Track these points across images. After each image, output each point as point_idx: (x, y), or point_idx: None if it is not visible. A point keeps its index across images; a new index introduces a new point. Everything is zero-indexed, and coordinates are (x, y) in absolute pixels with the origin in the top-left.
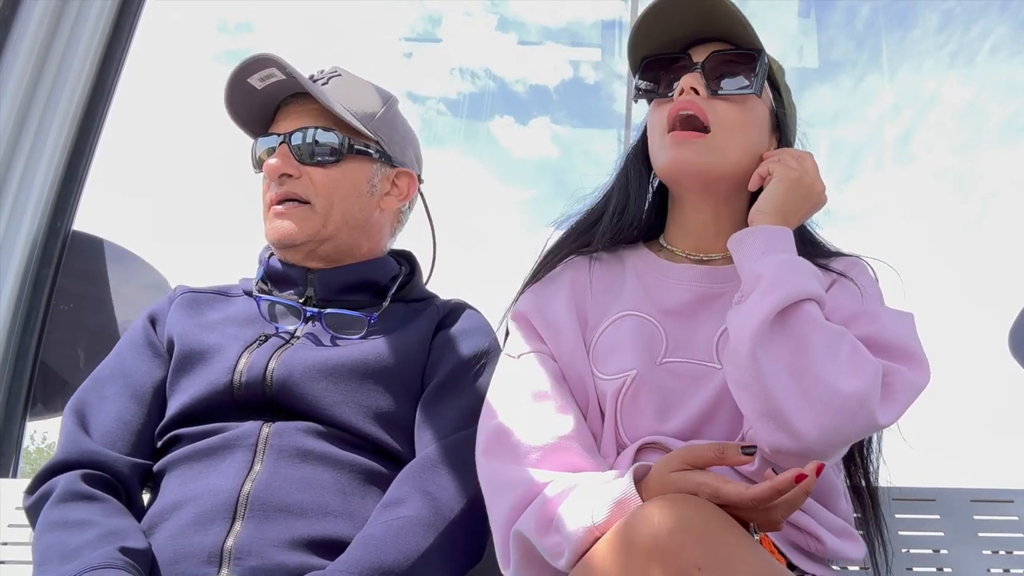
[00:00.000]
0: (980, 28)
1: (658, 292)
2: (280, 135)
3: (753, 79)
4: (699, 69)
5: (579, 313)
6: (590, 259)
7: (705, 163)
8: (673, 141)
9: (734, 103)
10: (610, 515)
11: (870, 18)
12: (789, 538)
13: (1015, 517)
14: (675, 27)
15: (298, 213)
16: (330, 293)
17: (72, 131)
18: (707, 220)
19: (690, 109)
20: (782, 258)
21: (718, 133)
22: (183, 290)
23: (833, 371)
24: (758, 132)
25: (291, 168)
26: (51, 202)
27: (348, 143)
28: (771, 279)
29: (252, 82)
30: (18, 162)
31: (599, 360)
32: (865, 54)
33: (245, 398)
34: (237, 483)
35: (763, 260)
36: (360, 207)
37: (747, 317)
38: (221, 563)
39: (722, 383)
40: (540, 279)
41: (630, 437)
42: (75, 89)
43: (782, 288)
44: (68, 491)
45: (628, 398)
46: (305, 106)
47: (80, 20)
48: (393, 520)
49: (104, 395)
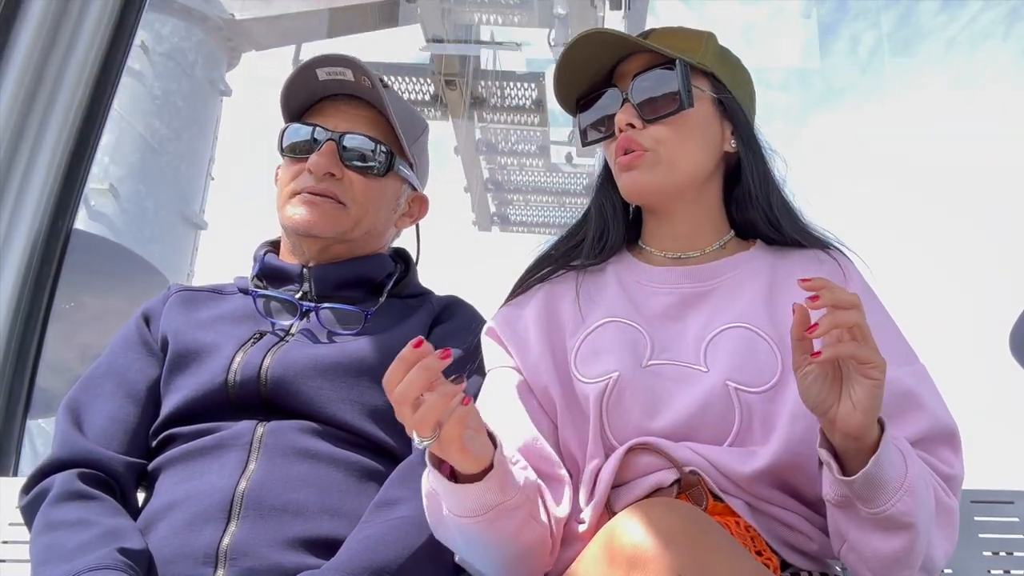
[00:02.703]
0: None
1: (641, 297)
2: (329, 132)
3: (680, 95)
4: (628, 99)
5: (552, 321)
6: (577, 272)
7: (656, 180)
8: (621, 170)
9: (671, 123)
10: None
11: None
12: (782, 536)
13: (1015, 518)
14: (592, 65)
15: (332, 210)
16: (326, 289)
17: (74, 130)
18: (681, 222)
19: (631, 146)
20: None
21: (660, 149)
22: (177, 288)
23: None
24: (702, 132)
25: (336, 168)
26: (52, 201)
27: (393, 160)
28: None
29: (318, 72)
30: (20, 161)
31: (582, 364)
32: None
33: (240, 397)
34: (232, 482)
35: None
36: (384, 221)
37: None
38: (217, 563)
39: (709, 388)
40: (517, 297)
41: (618, 439)
42: (77, 87)
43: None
44: (65, 490)
45: (612, 400)
46: (359, 110)
47: (82, 18)
48: (387, 520)
49: (98, 394)
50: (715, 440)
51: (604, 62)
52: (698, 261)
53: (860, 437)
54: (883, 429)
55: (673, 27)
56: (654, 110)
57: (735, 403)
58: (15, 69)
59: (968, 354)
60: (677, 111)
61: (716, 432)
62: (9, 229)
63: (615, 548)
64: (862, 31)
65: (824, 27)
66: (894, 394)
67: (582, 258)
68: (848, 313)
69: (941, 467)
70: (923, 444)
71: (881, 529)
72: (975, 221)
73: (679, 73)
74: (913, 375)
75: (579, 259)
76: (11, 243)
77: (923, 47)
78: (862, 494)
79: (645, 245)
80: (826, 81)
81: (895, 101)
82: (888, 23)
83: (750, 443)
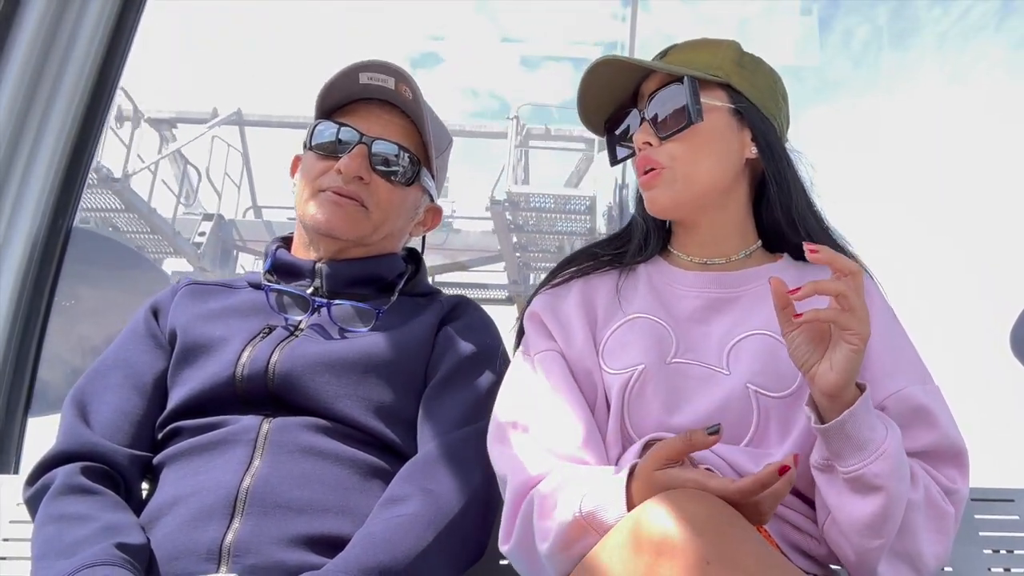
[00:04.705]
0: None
1: (670, 298)
2: (361, 135)
3: (687, 111)
4: (644, 119)
5: (589, 312)
6: (619, 270)
7: (675, 196)
8: (643, 188)
9: (683, 138)
10: (596, 507)
11: None
12: (789, 538)
13: (1016, 517)
14: (616, 87)
15: (355, 213)
16: (338, 285)
17: (74, 128)
18: (706, 231)
19: (647, 164)
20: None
21: (675, 166)
22: (187, 281)
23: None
24: (717, 144)
25: (365, 173)
26: (52, 199)
27: (419, 172)
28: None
29: (360, 75)
30: (20, 159)
31: (608, 356)
32: None
33: (247, 391)
34: (236, 479)
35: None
36: (402, 228)
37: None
38: (220, 560)
39: (729, 389)
40: (554, 284)
41: (637, 431)
42: (77, 85)
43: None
44: (67, 484)
45: (635, 392)
46: (392, 116)
47: (82, 15)
48: (393, 518)
49: (105, 386)
50: (732, 440)
51: (626, 84)
52: (725, 268)
53: (835, 396)
54: (863, 392)
55: (695, 40)
56: (666, 127)
57: (754, 405)
58: (15, 66)
59: (968, 352)
60: (687, 126)
61: (733, 432)
62: (9, 227)
63: (642, 535)
64: (856, 25)
65: (820, 22)
66: (908, 408)
67: (628, 257)
68: (832, 284)
69: (943, 481)
70: (928, 458)
71: (857, 492)
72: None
73: (686, 89)
74: (929, 393)
75: (623, 258)
76: (11, 241)
77: (917, 41)
78: (837, 449)
79: (675, 250)
80: (820, 75)
81: (888, 94)
82: (883, 17)
83: (766, 445)
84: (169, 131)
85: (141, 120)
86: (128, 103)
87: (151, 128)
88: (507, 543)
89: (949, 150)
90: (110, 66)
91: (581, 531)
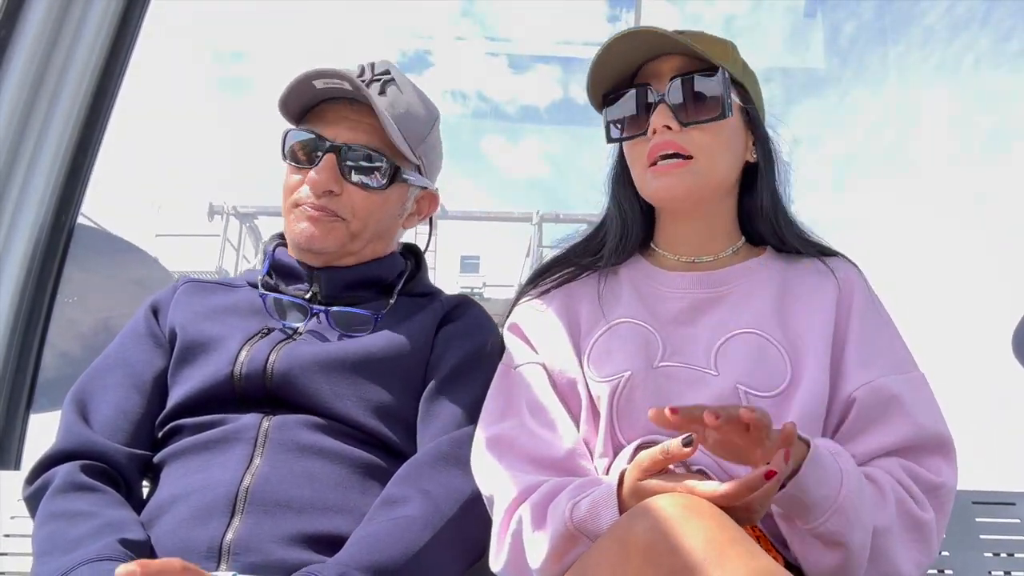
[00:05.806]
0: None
1: (654, 301)
2: (328, 142)
3: (722, 102)
4: (665, 101)
5: (572, 322)
6: (598, 274)
7: (693, 186)
8: (657, 173)
9: (709, 130)
10: (586, 514)
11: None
12: (781, 536)
13: (1016, 520)
14: (622, 61)
15: (331, 225)
16: (336, 290)
17: (77, 124)
18: (698, 228)
19: (670, 148)
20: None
21: (701, 158)
22: (186, 280)
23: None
24: (735, 141)
25: (335, 185)
26: (56, 195)
27: (396, 171)
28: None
29: (315, 83)
30: (23, 155)
31: (594, 365)
32: None
33: (245, 390)
34: (236, 477)
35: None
36: (388, 228)
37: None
38: (220, 558)
39: (719, 389)
40: (534, 291)
41: (627, 438)
42: (80, 82)
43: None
44: (67, 482)
45: (624, 399)
46: (359, 117)
47: (86, 13)
48: (392, 518)
49: (105, 385)
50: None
51: (632, 60)
52: (711, 266)
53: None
54: (809, 449)
55: (697, 32)
56: (695, 114)
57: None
58: (20, 63)
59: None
60: (718, 118)
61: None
62: (13, 223)
63: (630, 541)
64: (843, 20)
65: (807, 16)
66: (880, 401)
67: (604, 260)
68: (754, 478)
69: (926, 476)
70: (908, 452)
71: (819, 543)
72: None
73: (721, 80)
74: (907, 382)
75: (600, 262)
76: (14, 237)
77: (905, 34)
78: (792, 511)
79: (658, 248)
80: (808, 71)
81: (876, 89)
82: (868, 12)
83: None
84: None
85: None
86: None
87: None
88: (498, 563)
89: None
90: (114, 60)
91: (573, 540)
